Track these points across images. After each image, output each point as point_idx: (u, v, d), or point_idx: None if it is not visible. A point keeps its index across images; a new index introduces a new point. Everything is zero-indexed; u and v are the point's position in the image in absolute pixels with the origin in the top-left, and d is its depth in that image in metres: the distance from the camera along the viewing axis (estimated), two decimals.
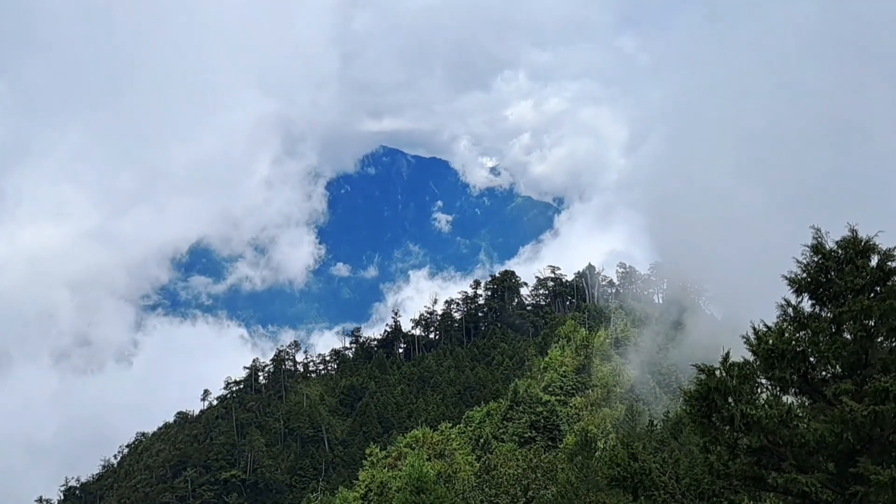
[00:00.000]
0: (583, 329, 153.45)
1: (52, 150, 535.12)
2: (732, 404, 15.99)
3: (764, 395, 16.19)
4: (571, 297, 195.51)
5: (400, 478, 65.53)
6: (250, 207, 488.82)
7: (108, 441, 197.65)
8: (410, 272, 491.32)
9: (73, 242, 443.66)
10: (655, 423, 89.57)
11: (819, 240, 16.41)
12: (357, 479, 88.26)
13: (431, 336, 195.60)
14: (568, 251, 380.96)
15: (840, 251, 16.24)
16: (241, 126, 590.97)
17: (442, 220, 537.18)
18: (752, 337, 16.39)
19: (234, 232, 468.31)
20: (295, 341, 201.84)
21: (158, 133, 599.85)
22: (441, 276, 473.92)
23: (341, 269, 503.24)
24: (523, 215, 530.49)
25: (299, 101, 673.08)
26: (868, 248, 16.06)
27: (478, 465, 77.52)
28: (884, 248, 16.00)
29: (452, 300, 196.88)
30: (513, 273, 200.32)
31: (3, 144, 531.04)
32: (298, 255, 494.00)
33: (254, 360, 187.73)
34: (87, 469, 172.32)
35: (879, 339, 15.87)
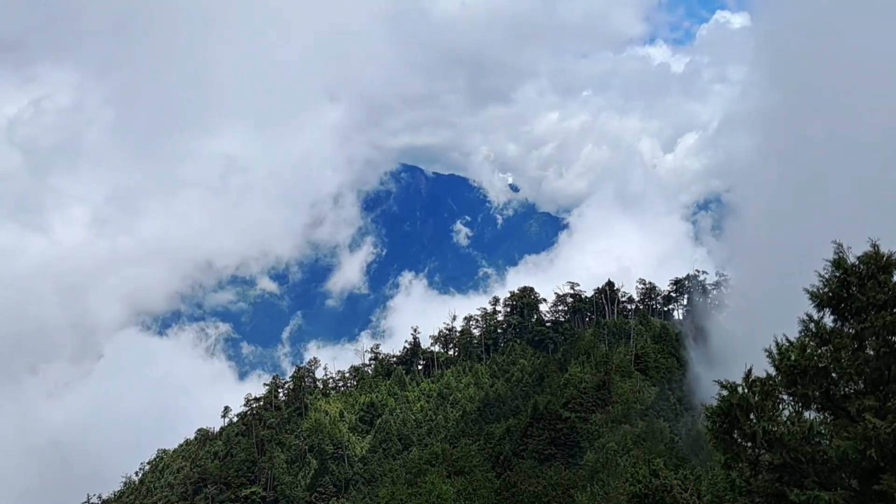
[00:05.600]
0: (602, 345, 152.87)
1: (97, 156, 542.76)
2: (754, 421, 15.92)
3: (786, 412, 16.09)
4: (591, 314, 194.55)
5: (420, 495, 65.26)
6: (270, 226, 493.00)
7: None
8: (429, 288, 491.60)
9: (92, 249, 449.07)
10: (676, 439, 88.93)
11: (840, 254, 16.36)
12: (377, 496, 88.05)
13: (450, 352, 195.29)
14: (584, 264, 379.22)
15: (862, 266, 16.17)
16: (252, 147, 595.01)
17: (461, 237, 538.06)
18: (774, 353, 16.32)
19: (254, 249, 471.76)
20: (315, 358, 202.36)
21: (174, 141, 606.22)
22: (460, 293, 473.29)
23: (360, 287, 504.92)
24: (542, 231, 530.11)
25: (319, 118, 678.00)
26: (890, 264, 15.98)
27: (498, 482, 77.19)
28: None
29: (471, 316, 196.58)
30: (531, 289, 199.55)
31: (54, 144, 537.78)
32: (316, 271, 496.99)
33: (273, 377, 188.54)
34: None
35: None
